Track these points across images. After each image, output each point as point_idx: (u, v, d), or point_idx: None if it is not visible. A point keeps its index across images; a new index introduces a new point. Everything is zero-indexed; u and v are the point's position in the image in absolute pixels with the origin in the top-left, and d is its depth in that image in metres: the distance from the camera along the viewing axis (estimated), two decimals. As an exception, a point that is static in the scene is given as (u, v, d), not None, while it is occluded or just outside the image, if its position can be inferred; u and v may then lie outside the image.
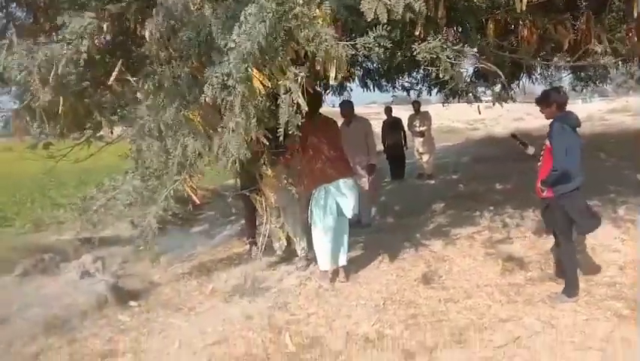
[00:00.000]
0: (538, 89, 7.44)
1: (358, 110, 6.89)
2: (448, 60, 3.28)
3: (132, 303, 4.43)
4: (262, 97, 2.95)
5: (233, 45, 2.67)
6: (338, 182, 4.39)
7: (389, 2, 2.84)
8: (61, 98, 3.52)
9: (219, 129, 3.20)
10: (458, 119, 27.14)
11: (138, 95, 3.58)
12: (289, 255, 5.22)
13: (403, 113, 11.08)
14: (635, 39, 4.92)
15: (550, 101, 3.75)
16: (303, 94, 2.87)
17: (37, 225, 8.14)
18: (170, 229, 6.89)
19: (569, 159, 3.62)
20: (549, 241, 4.78)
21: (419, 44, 3.23)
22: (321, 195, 4.40)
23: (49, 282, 5.09)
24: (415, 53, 3.33)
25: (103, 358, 3.57)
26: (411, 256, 5.05)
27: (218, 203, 9.17)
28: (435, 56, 3.25)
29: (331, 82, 3.00)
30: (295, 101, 2.85)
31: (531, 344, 3.28)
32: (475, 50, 4.49)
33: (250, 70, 2.73)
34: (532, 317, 3.66)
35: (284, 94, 2.87)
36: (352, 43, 2.91)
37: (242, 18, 2.68)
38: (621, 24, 5.02)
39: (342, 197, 4.39)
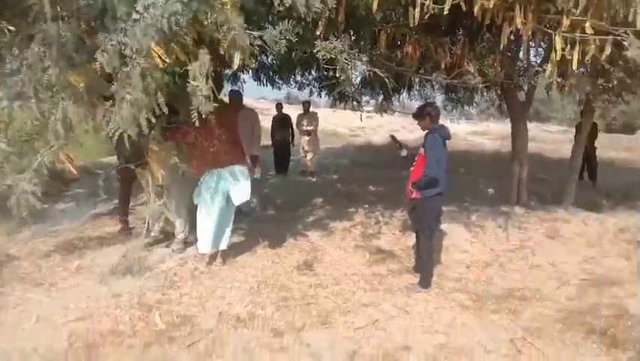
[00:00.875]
0: (415, 104, 8.17)
1: (247, 103, 6.95)
2: (345, 61, 3.54)
3: (-18, 276, 4.04)
4: (161, 72, 2.90)
5: (137, 17, 2.61)
6: (233, 168, 4.42)
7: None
8: None
9: (105, 101, 3.09)
10: (342, 125, 28.25)
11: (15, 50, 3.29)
12: (165, 237, 5.12)
13: (292, 111, 11.32)
14: (499, 68, 5.67)
15: (425, 114, 4.19)
16: (207, 78, 2.88)
17: None
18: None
19: (439, 168, 4.08)
20: (412, 238, 5.31)
21: (321, 42, 3.43)
22: (213, 178, 4.39)
23: None
24: (315, 51, 3.54)
25: (-57, 332, 3.23)
26: (288, 245, 5.25)
27: (87, 181, 8.59)
28: (334, 56, 3.49)
29: (234, 67, 3.04)
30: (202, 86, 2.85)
31: (387, 327, 3.63)
32: (366, 57, 4.87)
33: (152, 44, 2.68)
34: (390, 303, 4.04)
35: (193, 80, 2.85)
36: (260, 34, 3.00)
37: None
38: (490, 53, 5.76)
39: (234, 183, 4.41)
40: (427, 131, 4.23)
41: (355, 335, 3.47)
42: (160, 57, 2.78)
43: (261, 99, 30.59)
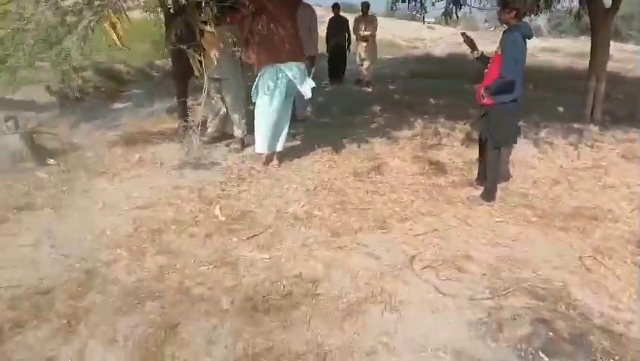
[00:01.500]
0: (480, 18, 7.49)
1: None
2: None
3: (51, 161, 4.17)
4: None
5: None
6: (291, 64, 4.19)
7: None
8: None
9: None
10: (400, 36, 26.92)
11: None
12: (222, 136, 5.09)
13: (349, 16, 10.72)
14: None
15: (512, 7, 3.75)
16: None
17: None
18: (91, 101, 6.45)
19: (516, 70, 3.71)
20: (474, 152, 5.06)
21: None
22: (272, 76, 4.18)
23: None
24: None
25: (19, 210, 3.38)
26: (345, 151, 5.12)
27: (144, 82, 8.63)
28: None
29: None
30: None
31: (447, 236, 3.52)
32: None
33: None
34: (450, 214, 3.91)
35: None
36: None
37: None
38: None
39: (295, 80, 4.22)
40: (506, 27, 3.82)
41: (413, 241, 3.39)
42: None
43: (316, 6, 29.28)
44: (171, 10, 3.74)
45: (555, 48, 21.07)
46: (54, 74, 8.35)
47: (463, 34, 4.32)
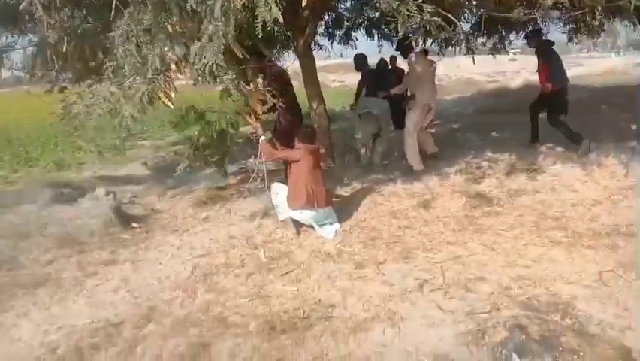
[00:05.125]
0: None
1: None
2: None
3: (134, 225, 5.07)
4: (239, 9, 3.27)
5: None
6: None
7: None
8: (65, 39, 4.02)
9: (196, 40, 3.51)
10: (480, 72, 26.80)
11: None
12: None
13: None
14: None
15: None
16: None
17: (59, 165, 8.87)
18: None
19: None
20: (516, 181, 5.24)
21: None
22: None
23: (67, 209, 5.74)
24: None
25: (106, 265, 4.22)
26: (384, 192, 5.50)
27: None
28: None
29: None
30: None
31: (467, 262, 3.76)
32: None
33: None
34: (477, 242, 4.13)
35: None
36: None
37: None
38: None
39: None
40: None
41: (432, 268, 3.68)
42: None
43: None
44: None
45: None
46: (150, 151, 9.82)
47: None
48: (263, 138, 4.60)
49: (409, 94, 10.04)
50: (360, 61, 7.54)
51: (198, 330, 3.07)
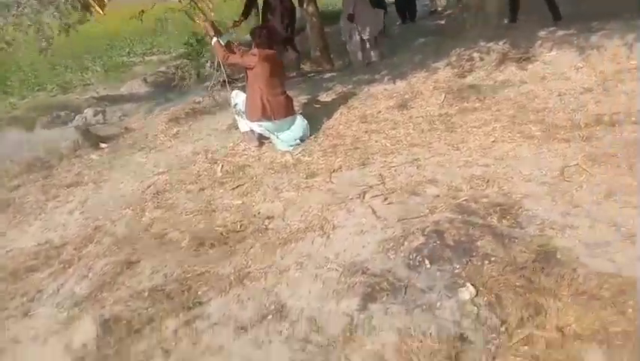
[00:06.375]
0: None
1: None
2: None
3: (102, 145, 5.01)
4: None
5: None
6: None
7: None
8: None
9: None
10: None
11: None
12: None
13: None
14: None
15: None
16: None
17: (64, 87, 8.74)
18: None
19: None
20: (505, 72, 4.81)
21: None
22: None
23: (50, 133, 5.71)
24: None
25: (69, 187, 4.21)
26: (364, 95, 5.17)
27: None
28: None
29: None
30: None
31: (425, 164, 3.52)
32: None
33: None
34: (444, 142, 3.85)
35: None
36: None
37: None
38: None
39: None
40: None
41: (384, 173, 3.46)
42: None
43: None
44: None
45: None
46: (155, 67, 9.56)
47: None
48: (215, 39, 4.28)
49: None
50: None
51: (132, 248, 3.04)
